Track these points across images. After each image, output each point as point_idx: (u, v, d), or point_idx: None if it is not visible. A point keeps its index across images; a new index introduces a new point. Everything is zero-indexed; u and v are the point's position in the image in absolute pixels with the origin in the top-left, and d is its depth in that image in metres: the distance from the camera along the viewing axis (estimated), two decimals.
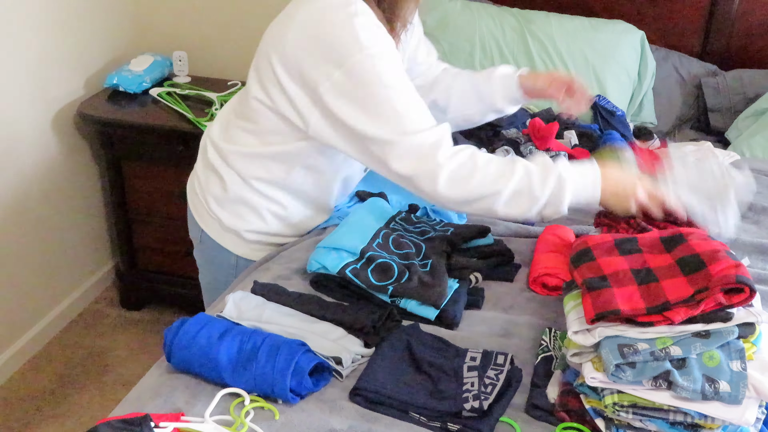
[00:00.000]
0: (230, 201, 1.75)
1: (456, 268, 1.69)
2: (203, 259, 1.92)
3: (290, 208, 1.75)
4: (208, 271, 1.94)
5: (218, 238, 1.81)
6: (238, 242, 1.80)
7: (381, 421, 1.33)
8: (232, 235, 1.79)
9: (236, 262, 1.83)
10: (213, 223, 1.80)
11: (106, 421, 1.25)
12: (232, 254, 1.82)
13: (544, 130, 2.16)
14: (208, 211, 1.80)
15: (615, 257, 1.40)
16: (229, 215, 1.76)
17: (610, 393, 1.25)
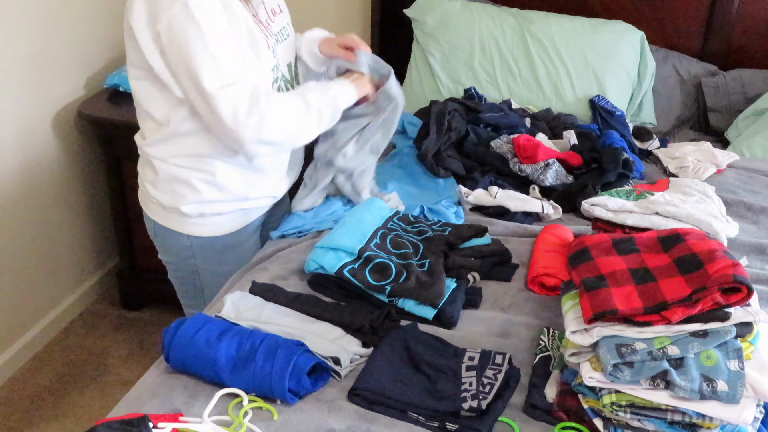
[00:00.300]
0: (163, 182, 1.79)
1: (454, 268, 1.69)
2: (163, 252, 1.97)
3: (217, 173, 1.77)
4: (170, 263, 1.98)
5: (166, 223, 1.86)
6: (184, 221, 1.83)
7: (379, 421, 1.33)
8: (176, 214, 1.83)
9: (190, 242, 1.86)
10: (156, 208, 1.85)
11: (105, 422, 1.25)
12: (183, 235, 1.86)
13: (529, 150, 2.16)
14: (150, 199, 1.85)
15: (613, 257, 1.40)
16: (166, 195, 1.81)
17: (608, 393, 1.26)
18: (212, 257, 1.89)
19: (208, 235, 1.85)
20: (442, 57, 2.72)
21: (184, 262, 1.91)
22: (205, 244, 1.86)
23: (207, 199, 1.79)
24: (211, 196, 1.79)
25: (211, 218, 1.84)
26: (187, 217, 1.82)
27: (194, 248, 1.87)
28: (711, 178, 2.26)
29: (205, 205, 1.80)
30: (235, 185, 1.80)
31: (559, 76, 2.63)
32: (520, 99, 2.66)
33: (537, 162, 2.13)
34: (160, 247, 1.95)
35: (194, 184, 1.77)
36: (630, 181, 2.15)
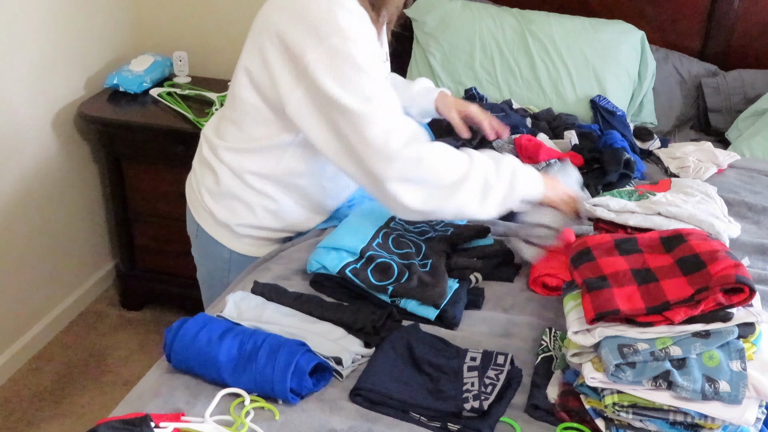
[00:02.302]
0: (222, 195, 1.77)
1: (456, 268, 1.69)
2: (199, 254, 1.95)
3: (282, 203, 1.77)
4: (203, 266, 1.96)
5: (212, 232, 1.84)
6: (231, 236, 1.82)
7: (381, 421, 1.33)
8: (225, 229, 1.81)
9: (229, 256, 1.85)
10: (207, 217, 1.83)
11: (106, 422, 1.25)
12: (225, 248, 1.84)
13: (531, 150, 2.15)
14: (202, 205, 1.82)
15: (615, 257, 1.40)
16: (222, 209, 1.78)
17: (610, 393, 1.25)
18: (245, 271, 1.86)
19: (250, 255, 1.85)
20: (443, 57, 2.72)
21: (219, 272, 1.90)
22: (243, 262, 1.85)
23: (262, 225, 1.79)
24: (267, 223, 1.79)
25: (258, 241, 1.84)
26: (236, 235, 1.81)
27: (232, 263, 1.86)
28: (712, 178, 2.26)
29: (258, 230, 1.80)
30: (292, 220, 1.81)
31: (560, 76, 2.63)
32: (521, 99, 2.66)
33: (539, 162, 2.13)
34: (198, 248, 1.93)
35: (253, 208, 1.76)
36: (631, 181, 2.15)
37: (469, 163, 1.53)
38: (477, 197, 1.54)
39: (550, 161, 2.14)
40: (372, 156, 1.51)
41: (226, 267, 1.87)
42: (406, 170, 1.50)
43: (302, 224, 1.86)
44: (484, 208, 1.57)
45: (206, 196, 1.80)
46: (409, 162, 1.49)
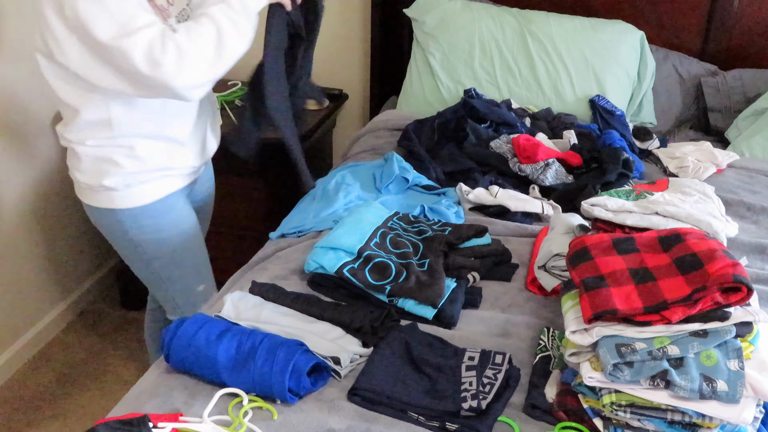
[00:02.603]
0: (86, 164, 1.81)
1: (454, 268, 1.69)
2: (107, 237, 1.98)
3: (137, 147, 1.79)
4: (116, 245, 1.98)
5: (96, 202, 1.87)
6: (112, 195, 1.84)
7: (379, 420, 1.33)
8: (102, 191, 1.84)
9: (122, 216, 1.87)
10: (86, 191, 1.87)
11: (105, 422, 1.25)
12: (114, 210, 1.87)
13: (529, 150, 2.15)
14: (79, 184, 1.87)
15: (613, 257, 1.40)
16: (91, 175, 1.82)
17: (608, 392, 1.26)
18: (147, 226, 1.90)
19: (138, 205, 1.86)
20: (442, 57, 2.72)
21: (124, 237, 1.92)
22: (137, 214, 1.87)
23: (130, 171, 1.80)
24: (134, 168, 1.80)
25: (137, 187, 1.84)
26: (115, 191, 1.83)
27: (128, 221, 1.88)
28: (711, 178, 2.26)
29: (129, 176, 1.81)
30: (156, 157, 1.82)
31: (559, 75, 2.63)
32: (520, 99, 2.66)
33: (537, 162, 2.13)
34: (104, 234, 1.97)
35: (115, 159, 1.78)
36: (630, 180, 2.15)
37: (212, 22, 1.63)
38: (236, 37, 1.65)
39: (548, 161, 2.15)
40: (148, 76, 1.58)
41: (125, 228, 1.89)
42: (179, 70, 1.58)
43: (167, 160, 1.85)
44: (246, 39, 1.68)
45: (77, 175, 1.84)
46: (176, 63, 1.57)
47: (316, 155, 3.04)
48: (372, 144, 2.49)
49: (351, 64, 3.17)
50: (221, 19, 1.63)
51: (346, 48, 3.15)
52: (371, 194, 2.09)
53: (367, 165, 2.24)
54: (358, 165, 2.26)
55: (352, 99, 3.20)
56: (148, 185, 1.86)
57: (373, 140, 2.52)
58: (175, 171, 1.88)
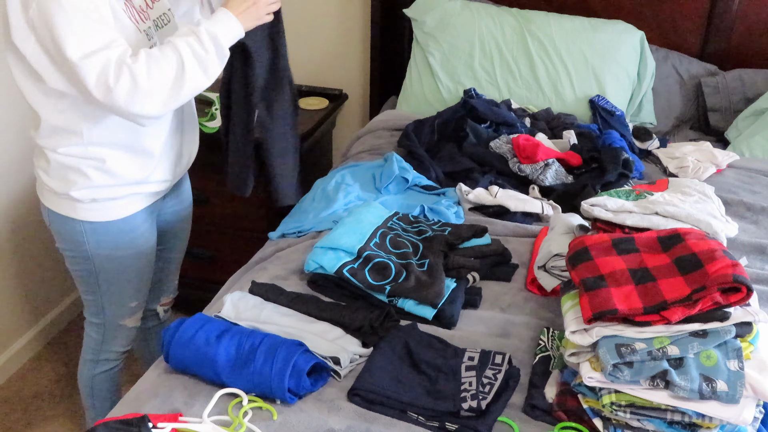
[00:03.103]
0: (54, 169, 1.78)
1: (453, 268, 1.69)
2: (58, 240, 1.93)
3: (107, 159, 1.75)
4: (66, 250, 1.93)
5: (58, 209, 1.83)
6: (77, 206, 1.81)
7: (379, 420, 1.33)
8: (68, 200, 1.81)
9: (83, 228, 1.83)
10: (50, 195, 1.83)
11: (104, 422, 1.25)
12: (76, 221, 1.83)
13: (529, 150, 2.15)
14: (44, 186, 1.83)
15: (612, 257, 1.40)
16: (58, 182, 1.79)
17: (608, 393, 1.26)
18: (106, 242, 1.85)
19: (101, 220, 1.83)
20: (442, 57, 2.72)
21: (78, 248, 1.87)
22: (98, 229, 1.83)
23: (98, 185, 1.77)
24: (103, 182, 1.77)
25: (103, 203, 1.81)
26: (80, 203, 1.80)
27: (87, 234, 1.84)
28: (711, 178, 2.26)
29: (96, 190, 1.78)
30: (127, 170, 1.78)
31: (559, 75, 2.63)
32: (520, 99, 2.66)
33: (537, 162, 2.13)
34: (55, 234, 1.92)
35: (84, 171, 1.75)
36: (630, 181, 2.15)
37: (177, 55, 1.59)
38: (200, 73, 1.62)
39: (548, 161, 2.14)
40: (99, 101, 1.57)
41: (83, 240, 1.85)
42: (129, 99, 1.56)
43: (138, 173, 1.81)
44: (210, 76, 1.64)
45: (42, 175, 1.81)
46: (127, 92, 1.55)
47: (316, 155, 3.04)
48: (372, 144, 2.49)
49: (351, 64, 3.17)
50: (187, 54, 1.59)
51: (346, 48, 3.15)
52: (371, 194, 2.09)
53: (366, 165, 2.24)
54: (357, 165, 2.27)
55: (352, 99, 3.19)
56: (115, 202, 1.82)
57: (373, 140, 2.52)
58: (144, 187, 1.84)
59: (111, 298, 1.94)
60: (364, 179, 2.16)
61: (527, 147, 2.15)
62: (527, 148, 2.15)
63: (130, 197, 1.83)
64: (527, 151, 2.15)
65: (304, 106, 3.00)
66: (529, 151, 2.14)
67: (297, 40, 3.11)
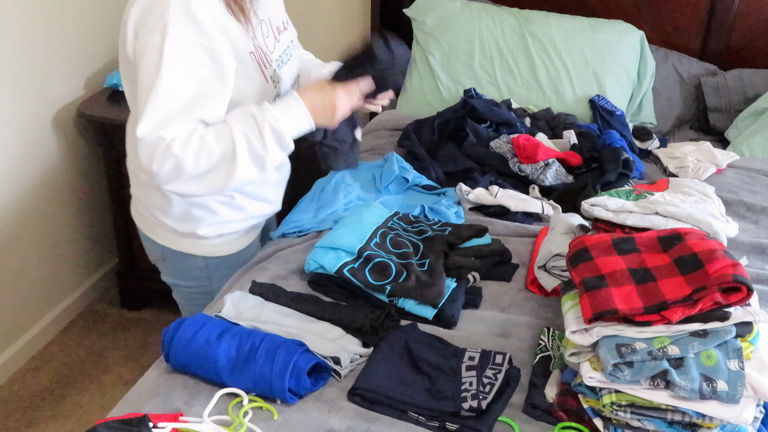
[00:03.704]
0: (177, 208, 1.74)
1: (454, 268, 1.69)
2: (172, 275, 1.90)
3: (236, 195, 1.75)
4: (181, 287, 1.91)
5: (179, 247, 1.80)
6: (200, 243, 1.79)
7: (379, 420, 1.33)
8: (191, 238, 1.78)
9: (205, 263, 1.82)
10: (169, 235, 1.79)
11: (105, 422, 1.25)
12: (198, 257, 1.81)
13: (529, 150, 2.15)
14: (160, 226, 1.79)
15: (613, 257, 1.40)
16: (182, 221, 1.75)
17: (608, 392, 1.25)
18: (227, 275, 1.84)
19: (225, 254, 1.83)
20: (442, 57, 2.72)
21: (198, 284, 1.86)
22: (221, 264, 1.83)
23: (226, 220, 1.77)
24: (230, 217, 1.77)
25: (228, 237, 1.81)
26: (205, 240, 1.78)
27: (210, 269, 1.83)
28: (711, 178, 2.26)
29: (223, 225, 1.78)
30: (251, 205, 1.79)
31: (559, 75, 2.63)
32: (520, 99, 2.66)
33: (537, 162, 2.13)
34: (169, 270, 1.89)
35: (212, 207, 1.74)
36: (630, 180, 2.15)
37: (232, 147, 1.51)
38: (253, 170, 1.55)
39: (548, 161, 2.14)
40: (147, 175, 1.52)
41: (205, 275, 1.84)
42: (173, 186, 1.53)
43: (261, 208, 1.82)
44: (266, 171, 1.58)
45: (162, 216, 1.76)
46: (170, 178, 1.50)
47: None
48: (372, 144, 2.49)
49: None
50: (242, 149, 1.50)
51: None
52: (371, 194, 2.09)
53: (366, 165, 2.24)
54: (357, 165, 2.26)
55: None
56: (239, 233, 1.82)
57: (373, 140, 2.52)
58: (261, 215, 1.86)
59: None
60: (364, 179, 2.16)
61: (527, 147, 2.15)
62: (527, 148, 2.15)
63: (250, 228, 1.85)
64: (527, 151, 2.15)
65: None
66: (529, 151, 2.14)
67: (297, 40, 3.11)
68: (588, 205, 1.69)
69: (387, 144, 2.48)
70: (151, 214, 1.79)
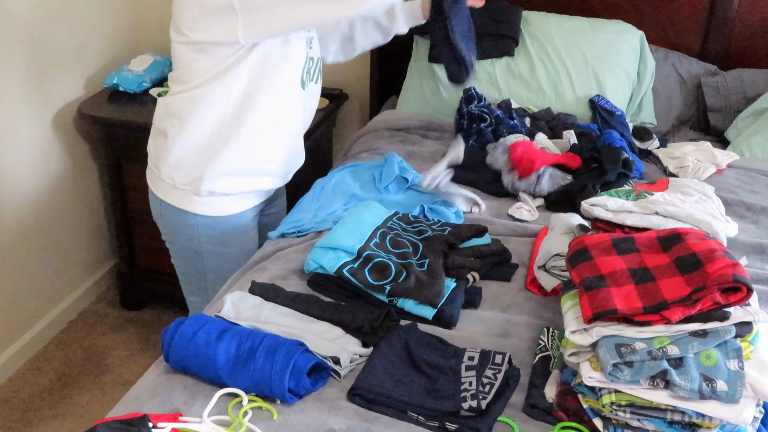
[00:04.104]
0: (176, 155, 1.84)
1: (453, 268, 1.69)
2: (167, 232, 2.00)
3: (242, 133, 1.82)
4: (174, 243, 2.00)
5: (174, 201, 1.90)
6: (193, 199, 1.88)
7: (379, 420, 1.33)
8: (186, 193, 1.87)
9: (195, 221, 1.90)
10: (167, 187, 1.90)
11: (104, 422, 1.25)
12: (189, 213, 1.90)
13: (525, 165, 2.13)
14: (160, 178, 1.89)
15: (612, 257, 1.40)
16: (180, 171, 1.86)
17: (608, 392, 1.26)
18: (216, 237, 1.93)
19: (214, 215, 1.90)
20: None
21: (189, 242, 1.95)
22: (210, 224, 1.91)
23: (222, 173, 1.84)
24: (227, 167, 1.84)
25: (219, 198, 1.88)
26: (197, 197, 1.86)
27: (199, 227, 1.91)
28: (711, 178, 2.26)
29: (216, 181, 1.85)
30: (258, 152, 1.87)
31: (559, 76, 2.63)
32: (520, 99, 2.65)
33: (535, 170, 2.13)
34: (165, 227, 1.99)
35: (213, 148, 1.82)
36: (630, 180, 2.15)
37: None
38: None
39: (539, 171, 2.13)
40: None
41: (194, 233, 1.92)
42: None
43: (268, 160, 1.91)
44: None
45: (163, 168, 1.88)
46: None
47: (317, 155, 3.03)
48: (372, 144, 2.49)
49: (351, 64, 3.15)
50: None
51: None
52: (371, 194, 2.09)
53: (366, 165, 2.24)
54: (357, 165, 2.26)
55: (352, 99, 3.19)
56: (230, 198, 1.90)
57: (373, 140, 2.52)
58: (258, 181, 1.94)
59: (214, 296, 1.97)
60: (364, 179, 2.16)
61: (524, 162, 2.12)
62: (524, 163, 2.13)
63: (241, 194, 1.92)
64: (524, 167, 2.13)
65: None
66: (525, 166, 2.13)
67: None
68: (588, 205, 1.69)
69: (387, 144, 2.48)
70: (155, 167, 1.90)
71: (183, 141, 1.83)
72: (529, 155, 2.14)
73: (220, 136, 1.82)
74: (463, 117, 2.46)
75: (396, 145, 2.45)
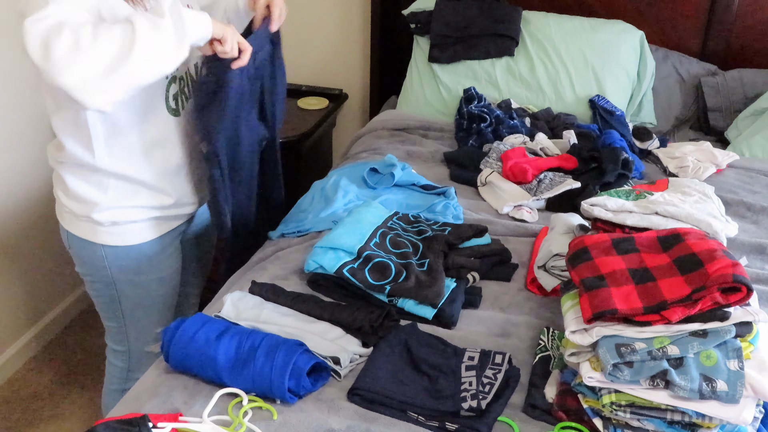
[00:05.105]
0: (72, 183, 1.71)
1: (453, 268, 1.69)
2: (78, 263, 1.87)
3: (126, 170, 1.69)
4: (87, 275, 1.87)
5: (79, 233, 1.77)
6: (97, 229, 1.75)
7: (379, 420, 1.33)
8: (88, 223, 1.74)
9: (103, 252, 1.77)
10: (68, 217, 1.78)
11: (104, 422, 1.25)
12: (96, 245, 1.77)
13: (518, 176, 2.13)
14: (62, 207, 1.78)
15: (612, 257, 1.40)
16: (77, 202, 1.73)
17: (608, 392, 1.26)
18: (128, 267, 1.80)
19: (123, 245, 1.77)
20: None
21: (99, 273, 1.81)
22: (119, 254, 1.77)
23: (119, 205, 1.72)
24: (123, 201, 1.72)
25: (124, 226, 1.75)
26: (100, 226, 1.74)
27: (109, 258, 1.78)
28: (711, 177, 2.26)
29: (117, 212, 1.73)
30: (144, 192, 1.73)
31: (559, 76, 2.63)
32: (520, 99, 2.66)
33: (529, 182, 2.13)
34: (76, 259, 1.86)
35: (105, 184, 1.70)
36: (629, 181, 2.15)
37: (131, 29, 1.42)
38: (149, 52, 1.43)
39: (538, 176, 2.13)
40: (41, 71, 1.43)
41: (104, 264, 1.79)
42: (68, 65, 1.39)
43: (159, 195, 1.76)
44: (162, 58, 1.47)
45: (62, 195, 1.76)
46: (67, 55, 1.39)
47: (316, 155, 3.04)
48: (372, 144, 2.49)
49: (351, 64, 3.17)
50: (143, 30, 1.41)
51: (346, 48, 3.15)
52: (370, 194, 2.09)
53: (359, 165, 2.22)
54: (354, 165, 2.26)
55: (352, 99, 3.20)
56: (138, 225, 1.76)
57: (373, 140, 2.52)
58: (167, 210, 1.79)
59: (135, 324, 1.89)
60: (359, 179, 2.16)
61: (516, 173, 2.13)
62: (516, 174, 2.13)
63: (150, 221, 1.78)
64: (517, 177, 2.13)
65: (304, 106, 3.00)
66: (518, 176, 2.13)
67: (297, 41, 3.11)
68: (588, 205, 1.69)
69: (387, 144, 2.48)
70: (57, 196, 1.79)
71: (67, 168, 1.70)
72: (520, 165, 2.14)
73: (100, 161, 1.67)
74: (463, 117, 2.48)
75: (396, 145, 2.45)
